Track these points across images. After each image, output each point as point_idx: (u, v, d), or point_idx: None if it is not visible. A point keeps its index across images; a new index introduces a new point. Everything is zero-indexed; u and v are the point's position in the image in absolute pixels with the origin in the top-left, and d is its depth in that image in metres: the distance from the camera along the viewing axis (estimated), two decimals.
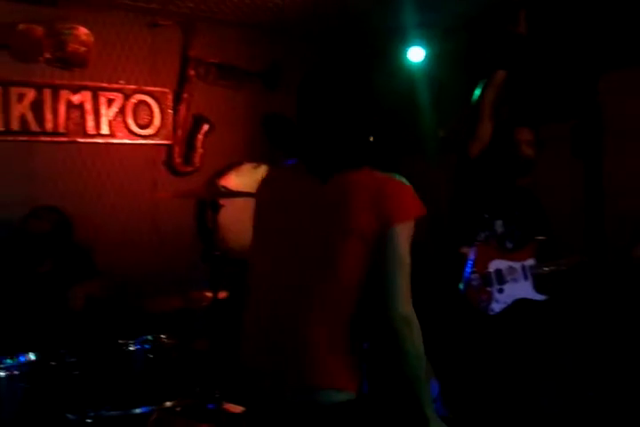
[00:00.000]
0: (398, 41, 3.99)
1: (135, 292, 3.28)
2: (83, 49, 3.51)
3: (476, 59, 2.82)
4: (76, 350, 2.63)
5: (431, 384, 3.00)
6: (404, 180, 1.70)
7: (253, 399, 1.71)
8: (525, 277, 2.80)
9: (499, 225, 2.83)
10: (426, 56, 4.03)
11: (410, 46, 4.03)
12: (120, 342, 2.73)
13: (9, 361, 2.50)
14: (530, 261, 2.81)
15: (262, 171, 4.02)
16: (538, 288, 2.82)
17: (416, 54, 4.04)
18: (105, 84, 3.65)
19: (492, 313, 2.74)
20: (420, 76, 4.06)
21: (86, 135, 3.59)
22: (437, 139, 4.00)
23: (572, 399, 2.84)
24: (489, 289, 2.74)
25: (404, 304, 1.59)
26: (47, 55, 3.45)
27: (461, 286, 2.74)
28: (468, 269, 2.75)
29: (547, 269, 2.82)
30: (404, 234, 1.62)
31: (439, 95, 3.97)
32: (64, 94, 3.51)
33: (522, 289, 2.80)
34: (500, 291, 2.75)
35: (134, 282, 3.44)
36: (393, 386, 1.69)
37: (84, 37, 3.51)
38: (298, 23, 4.04)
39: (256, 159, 4.07)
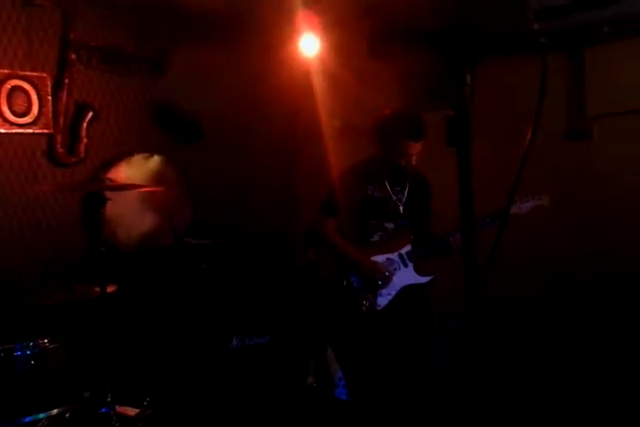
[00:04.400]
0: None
1: (17, 291, 3.03)
2: None
3: None
4: None
5: (335, 371, 3.05)
6: None
7: None
8: (405, 265, 2.87)
9: (388, 224, 2.89)
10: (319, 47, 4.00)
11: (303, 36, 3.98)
12: None
13: None
14: (406, 248, 2.88)
15: (154, 162, 3.87)
16: (419, 271, 2.90)
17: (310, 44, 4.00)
18: None
19: (379, 308, 2.81)
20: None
21: None
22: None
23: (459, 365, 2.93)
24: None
25: None
26: None
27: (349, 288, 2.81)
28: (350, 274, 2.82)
29: (426, 250, 2.87)
30: None
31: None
32: None
33: (404, 277, 2.86)
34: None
35: (15, 282, 3.23)
36: None
37: None
38: (185, 6, 3.85)
39: (147, 149, 3.90)
